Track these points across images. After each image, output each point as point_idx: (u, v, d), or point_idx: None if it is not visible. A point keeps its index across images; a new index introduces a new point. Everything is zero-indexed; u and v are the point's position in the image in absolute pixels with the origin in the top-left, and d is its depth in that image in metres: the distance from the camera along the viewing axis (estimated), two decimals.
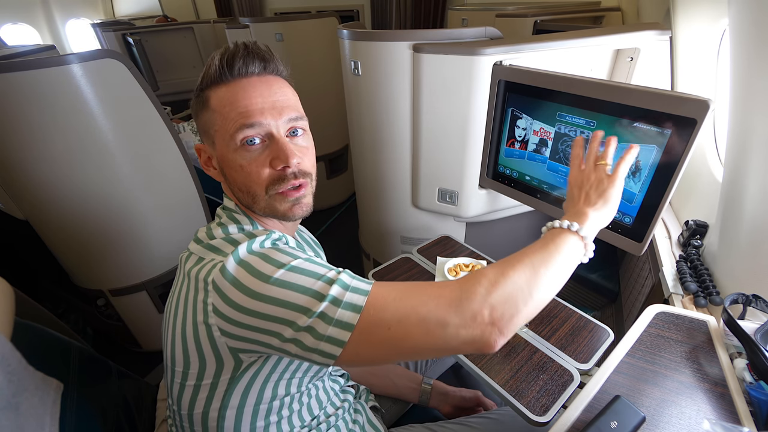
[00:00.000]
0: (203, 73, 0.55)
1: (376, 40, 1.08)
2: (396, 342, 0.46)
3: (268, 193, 0.55)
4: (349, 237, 2.28)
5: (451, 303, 0.45)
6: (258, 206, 0.57)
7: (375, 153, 1.31)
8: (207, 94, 0.55)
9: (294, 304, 0.45)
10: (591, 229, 0.56)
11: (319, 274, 0.48)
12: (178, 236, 1.45)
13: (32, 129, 1.07)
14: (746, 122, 0.72)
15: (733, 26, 0.73)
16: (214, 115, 0.55)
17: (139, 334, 1.61)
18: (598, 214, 0.58)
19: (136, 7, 4.18)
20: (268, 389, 0.55)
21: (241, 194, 0.57)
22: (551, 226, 0.57)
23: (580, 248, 0.55)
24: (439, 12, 2.88)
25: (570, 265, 0.53)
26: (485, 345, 0.45)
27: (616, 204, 0.60)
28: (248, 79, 0.54)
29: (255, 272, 0.47)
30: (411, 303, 0.46)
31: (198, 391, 0.53)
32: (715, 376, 0.60)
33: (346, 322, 0.45)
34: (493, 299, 0.45)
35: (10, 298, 0.60)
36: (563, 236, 0.54)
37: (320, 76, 2.22)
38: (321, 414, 0.64)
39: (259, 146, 0.54)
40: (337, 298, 0.46)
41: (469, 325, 0.44)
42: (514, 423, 0.78)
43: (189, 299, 0.51)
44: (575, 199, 0.62)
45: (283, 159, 0.53)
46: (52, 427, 0.53)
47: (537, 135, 0.95)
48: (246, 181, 0.55)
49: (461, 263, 1.05)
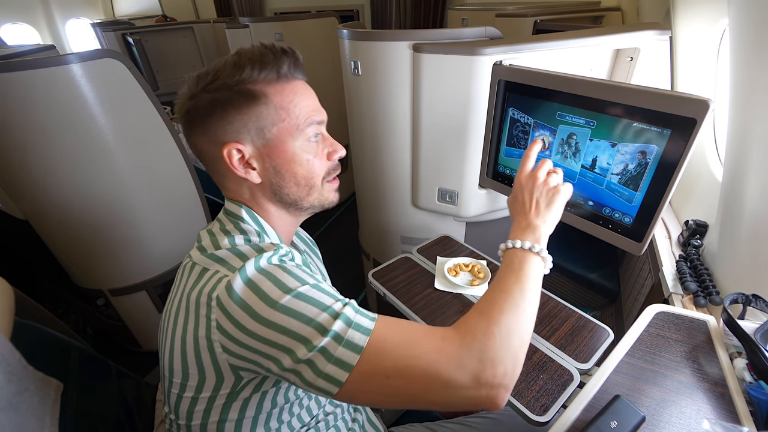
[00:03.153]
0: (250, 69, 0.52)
1: (376, 40, 1.08)
2: (395, 391, 0.45)
3: (323, 183, 0.61)
4: (349, 237, 2.28)
5: (452, 360, 0.45)
6: (310, 198, 0.61)
7: (375, 153, 1.31)
8: (261, 89, 0.53)
9: (296, 333, 0.45)
10: (545, 244, 0.60)
11: (325, 305, 0.47)
12: (178, 236, 1.45)
13: (32, 129, 1.07)
14: (746, 122, 0.72)
15: (733, 26, 0.73)
16: (276, 111, 0.54)
17: (139, 334, 1.61)
18: (547, 228, 0.63)
19: (136, 7, 4.18)
20: (267, 400, 0.55)
21: (297, 188, 0.59)
22: (511, 246, 0.59)
23: (542, 266, 0.59)
24: (439, 12, 2.88)
25: (538, 285, 0.56)
26: (491, 406, 0.45)
27: (559, 216, 0.66)
28: (301, 83, 0.59)
29: (262, 294, 0.47)
30: (413, 352, 0.45)
31: (196, 403, 0.53)
32: (715, 375, 0.60)
33: (346, 361, 0.44)
34: (491, 353, 0.45)
35: (10, 298, 0.60)
36: (528, 260, 0.57)
37: (320, 75, 2.22)
38: (320, 413, 0.64)
39: (316, 142, 0.59)
40: (340, 335, 0.45)
41: (473, 386, 0.44)
42: (514, 423, 0.78)
43: (190, 312, 0.50)
44: (525, 206, 0.66)
45: (338, 149, 0.62)
46: (52, 427, 0.53)
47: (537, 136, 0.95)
48: (309, 173, 0.58)
49: (461, 263, 1.05)
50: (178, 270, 0.58)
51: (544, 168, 0.68)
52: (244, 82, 0.53)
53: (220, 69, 0.53)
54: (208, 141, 0.55)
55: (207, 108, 0.53)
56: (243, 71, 0.52)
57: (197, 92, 0.53)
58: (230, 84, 0.52)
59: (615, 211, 0.83)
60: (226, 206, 0.60)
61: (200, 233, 0.58)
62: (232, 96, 0.52)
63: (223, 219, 0.59)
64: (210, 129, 0.54)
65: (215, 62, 0.54)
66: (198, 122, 0.54)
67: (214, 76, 0.52)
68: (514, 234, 0.62)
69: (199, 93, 0.53)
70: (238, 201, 0.59)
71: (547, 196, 0.65)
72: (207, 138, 0.55)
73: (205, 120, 0.54)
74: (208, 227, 0.59)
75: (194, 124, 0.55)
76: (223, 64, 0.53)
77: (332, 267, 0.71)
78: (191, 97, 0.54)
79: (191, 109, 0.54)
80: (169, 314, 0.54)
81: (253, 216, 0.58)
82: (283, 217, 0.62)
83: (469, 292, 0.97)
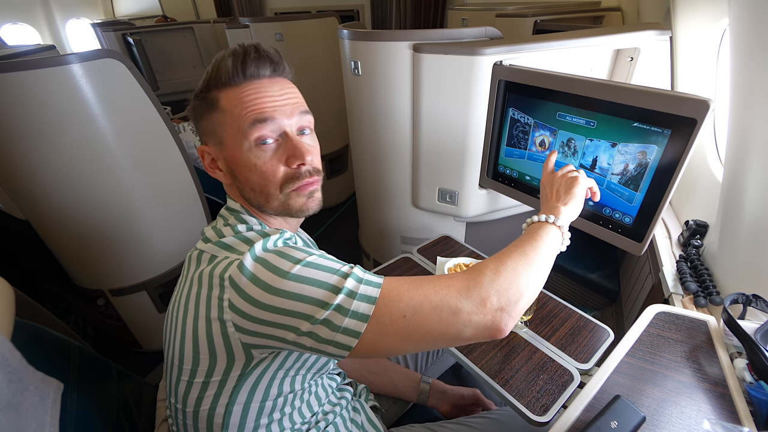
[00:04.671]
0: (209, 74, 0.55)
1: (376, 40, 1.08)
2: (411, 331, 0.48)
3: (282, 192, 0.57)
4: (349, 237, 2.28)
5: (461, 291, 0.49)
6: (271, 205, 0.58)
7: (375, 153, 1.31)
8: (215, 95, 0.55)
9: (312, 297, 0.46)
10: (565, 220, 0.65)
11: (334, 268, 0.49)
12: (178, 236, 1.45)
13: (32, 129, 1.07)
14: (746, 122, 0.72)
15: (733, 26, 0.73)
16: (224, 116, 0.55)
17: (139, 334, 1.61)
18: (567, 209, 0.67)
19: (136, 7, 4.18)
20: (274, 386, 0.56)
21: (254, 194, 0.57)
22: (531, 221, 0.65)
23: (559, 237, 0.62)
24: (439, 12, 2.88)
25: (553, 251, 0.60)
26: (497, 330, 0.48)
27: (581, 199, 0.71)
28: (259, 81, 0.55)
29: (272, 268, 0.48)
30: (423, 292, 0.48)
31: (206, 388, 0.53)
32: (715, 376, 0.60)
33: (362, 313, 0.47)
34: (498, 285, 0.49)
35: (10, 298, 0.60)
36: (544, 227, 0.62)
37: (320, 76, 2.22)
38: (319, 411, 0.65)
39: (273, 145, 0.56)
40: (353, 291, 0.47)
41: (479, 311, 0.48)
42: (514, 423, 0.78)
43: (201, 296, 0.51)
44: (547, 196, 0.75)
45: (299, 156, 0.55)
46: (52, 427, 0.53)
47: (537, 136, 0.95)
48: (260, 180, 0.56)
49: (461, 263, 1.05)
50: (184, 263, 0.60)
51: (564, 169, 0.77)
52: (207, 89, 0.56)
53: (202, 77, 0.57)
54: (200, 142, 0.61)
55: (192, 114, 0.60)
56: (207, 79, 0.56)
57: (191, 98, 0.59)
58: (198, 93, 0.57)
59: (615, 211, 0.83)
60: (227, 203, 0.62)
61: (204, 229, 0.60)
62: (199, 104, 0.57)
63: (225, 215, 0.61)
64: (198, 132, 0.61)
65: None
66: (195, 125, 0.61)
67: (198, 85, 0.57)
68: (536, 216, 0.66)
69: (192, 99, 0.59)
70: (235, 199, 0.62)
71: (566, 184, 0.72)
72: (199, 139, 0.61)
73: (194, 124, 0.61)
74: (212, 224, 0.61)
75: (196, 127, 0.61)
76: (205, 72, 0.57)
77: None
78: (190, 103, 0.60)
79: (189, 115, 0.61)
80: (178, 304, 0.55)
81: (250, 213, 0.61)
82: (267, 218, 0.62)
83: None
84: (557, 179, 0.75)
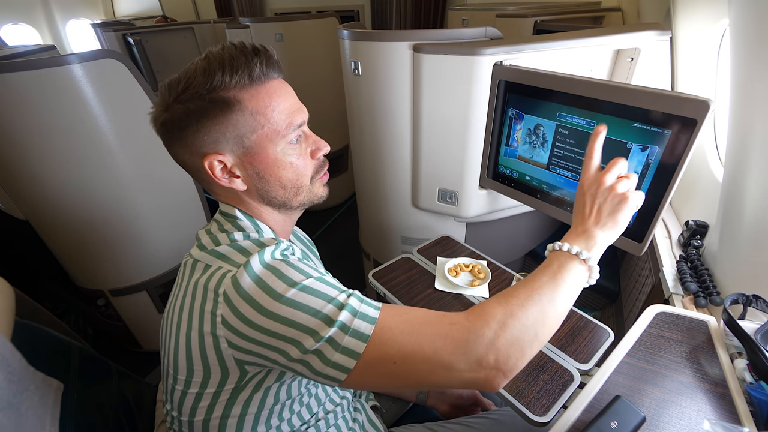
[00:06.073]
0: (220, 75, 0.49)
1: (376, 40, 1.08)
2: (399, 375, 0.47)
3: (312, 183, 0.60)
4: (349, 237, 2.28)
5: (458, 346, 0.46)
6: (299, 199, 0.59)
7: (375, 153, 1.31)
8: (235, 96, 0.50)
9: (303, 325, 0.46)
10: (597, 253, 0.55)
11: (330, 296, 0.48)
12: (178, 236, 1.45)
13: (32, 129, 1.07)
14: (746, 122, 0.72)
15: (733, 26, 0.73)
16: (252, 118, 0.51)
17: (139, 334, 1.61)
18: (605, 237, 0.56)
19: (136, 7, 4.18)
20: (270, 396, 0.55)
21: (283, 192, 0.57)
22: (558, 248, 0.55)
23: (585, 276, 0.54)
24: (439, 12, 2.88)
25: (574, 294, 0.53)
26: (487, 387, 0.46)
27: (624, 226, 0.57)
28: (278, 81, 0.55)
29: (267, 288, 0.47)
30: (418, 340, 0.46)
31: (200, 399, 0.53)
32: (716, 376, 0.60)
33: (353, 350, 0.46)
34: (499, 343, 0.46)
35: (10, 298, 0.60)
36: (570, 264, 0.53)
37: (320, 76, 2.22)
38: (320, 410, 0.64)
39: (298, 143, 0.57)
40: (346, 325, 0.46)
41: (473, 369, 0.45)
42: (514, 423, 0.78)
43: (195, 308, 0.50)
44: (585, 210, 0.58)
45: (323, 146, 0.59)
46: (52, 428, 0.53)
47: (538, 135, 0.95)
48: (294, 176, 0.57)
49: (461, 263, 1.05)
50: (179, 269, 0.58)
51: (614, 171, 0.58)
52: (216, 89, 0.50)
53: (191, 76, 0.49)
54: (189, 153, 0.54)
55: (182, 119, 0.50)
56: (214, 78, 0.49)
57: (170, 103, 0.50)
58: (202, 93, 0.49)
59: None
60: (221, 208, 0.60)
61: (199, 233, 0.59)
62: (206, 105, 0.50)
63: (219, 219, 0.59)
64: (188, 140, 0.52)
65: (186, 67, 0.51)
66: (175, 134, 0.52)
67: (185, 84, 0.49)
68: (567, 237, 0.57)
69: (173, 104, 0.50)
70: (231, 203, 0.59)
71: (612, 203, 0.56)
72: (187, 150, 0.53)
73: (182, 132, 0.52)
74: (206, 227, 0.59)
75: (172, 136, 0.53)
76: (193, 71, 0.50)
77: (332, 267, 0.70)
78: (166, 109, 0.51)
79: (166, 122, 0.51)
80: (173, 312, 0.54)
81: (247, 216, 0.59)
82: (275, 216, 0.61)
83: (469, 293, 0.97)
84: (604, 190, 0.57)
